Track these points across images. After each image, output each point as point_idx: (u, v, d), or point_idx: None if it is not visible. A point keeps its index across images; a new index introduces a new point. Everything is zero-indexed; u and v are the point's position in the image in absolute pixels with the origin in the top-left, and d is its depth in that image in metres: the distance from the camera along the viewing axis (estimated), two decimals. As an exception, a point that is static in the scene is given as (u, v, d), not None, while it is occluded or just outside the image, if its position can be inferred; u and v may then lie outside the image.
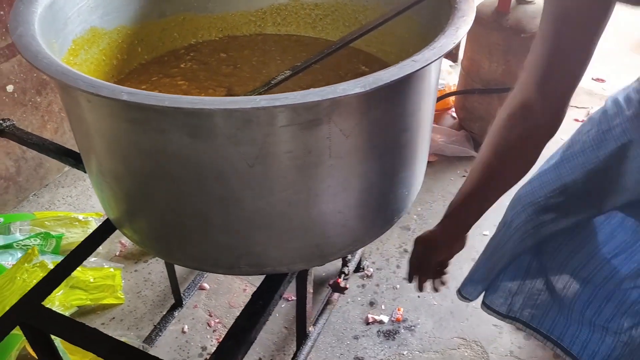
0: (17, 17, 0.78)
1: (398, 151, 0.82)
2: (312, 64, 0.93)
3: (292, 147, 0.69)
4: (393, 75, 0.66)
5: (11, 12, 0.79)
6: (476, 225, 1.73)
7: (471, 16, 0.79)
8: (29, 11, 0.80)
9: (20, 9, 0.80)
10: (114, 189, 0.85)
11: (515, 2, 1.86)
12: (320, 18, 1.21)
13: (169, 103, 0.61)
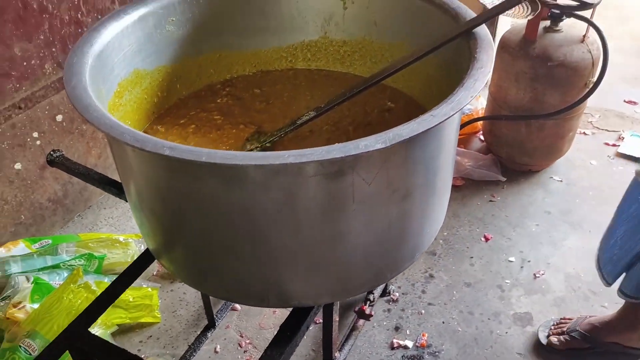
0: (71, 68, 0.86)
1: (419, 193, 0.86)
2: (335, 105, 0.98)
3: (317, 194, 0.75)
4: (412, 131, 0.71)
5: (65, 63, 0.87)
6: (502, 251, 1.77)
7: (489, 67, 0.83)
8: (81, 63, 0.88)
9: (73, 60, 0.88)
10: (152, 223, 0.92)
11: (542, 30, 1.87)
12: (348, 54, 1.27)
13: (206, 159, 0.67)
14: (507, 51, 1.90)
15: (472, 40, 0.92)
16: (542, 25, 1.89)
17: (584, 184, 2.08)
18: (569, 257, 1.78)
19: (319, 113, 1.00)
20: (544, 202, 2.00)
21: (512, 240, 1.84)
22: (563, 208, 1.97)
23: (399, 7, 1.12)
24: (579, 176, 2.12)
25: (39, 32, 1.35)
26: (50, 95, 1.44)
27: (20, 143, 1.42)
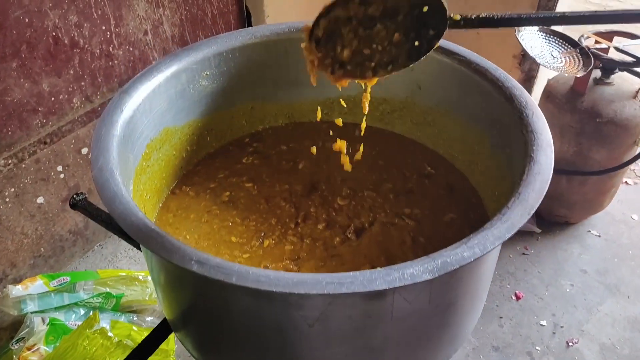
0: (98, 144, 0.80)
1: (460, 304, 0.80)
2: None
3: (353, 312, 0.69)
4: (463, 260, 0.64)
5: (94, 135, 0.82)
6: (533, 313, 1.68)
7: (548, 174, 0.76)
8: (109, 135, 0.83)
9: (101, 132, 0.83)
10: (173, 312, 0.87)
11: (592, 82, 1.78)
12: (387, 112, 1.20)
13: (236, 280, 0.62)
14: (552, 102, 1.80)
15: (528, 132, 0.84)
16: (592, 76, 1.79)
17: (623, 241, 1.98)
18: (604, 324, 1.69)
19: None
20: (580, 259, 1.90)
21: (545, 300, 1.75)
22: (600, 267, 1.88)
23: (446, 75, 1.05)
24: (619, 232, 2.02)
25: (68, 67, 1.31)
26: (76, 129, 1.40)
27: (43, 177, 1.39)
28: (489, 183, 0.98)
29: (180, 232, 0.98)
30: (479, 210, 1.00)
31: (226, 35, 1.06)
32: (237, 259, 0.93)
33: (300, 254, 0.94)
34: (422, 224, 0.99)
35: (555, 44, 1.84)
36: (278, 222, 0.99)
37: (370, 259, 0.93)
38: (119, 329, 1.33)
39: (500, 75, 0.93)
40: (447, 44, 1.02)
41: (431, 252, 0.92)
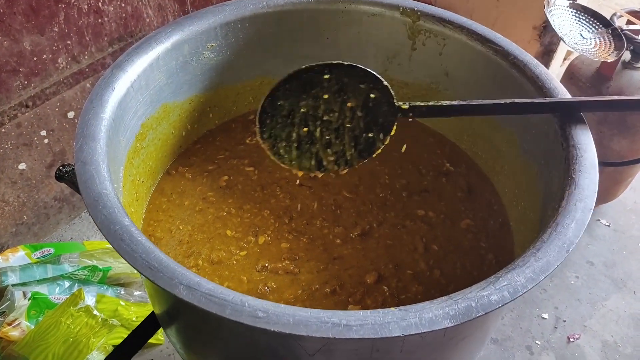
0: (84, 130, 0.71)
1: (474, 336, 0.73)
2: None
3: (359, 346, 0.62)
4: (490, 306, 0.56)
5: (79, 120, 0.72)
6: (535, 305, 1.63)
7: (591, 202, 0.67)
8: (98, 119, 0.73)
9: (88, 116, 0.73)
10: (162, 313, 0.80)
11: (620, 66, 1.65)
12: (408, 97, 1.10)
13: (230, 314, 0.54)
14: (575, 84, 1.69)
15: (570, 146, 0.75)
16: (621, 59, 1.66)
17: (633, 233, 1.91)
18: (608, 321, 1.64)
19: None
20: (587, 250, 1.84)
21: (548, 292, 1.70)
22: (608, 260, 1.81)
23: (478, 65, 0.94)
24: (629, 222, 1.94)
25: (52, 23, 1.19)
26: (62, 91, 1.29)
27: (25, 142, 1.29)
28: (515, 191, 0.89)
29: (174, 222, 0.90)
30: (500, 218, 0.92)
31: (235, 2, 0.95)
32: (235, 256, 0.85)
33: (298, 254, 0.86)
34: (436, 228, 0.91)
35: (586, 22, 1.71)
36: (271, 214, 0.91)
37: (377, 265, 0.85)
38: (105, 304, 1.28)
39: (541, 72, 0.83)
40: (483, 29, 0.91)
41: (445, 264, 0.85)
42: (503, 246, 0.88)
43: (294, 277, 0.83)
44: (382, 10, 0.98)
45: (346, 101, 0.73)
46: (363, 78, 0.73)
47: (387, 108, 0.73)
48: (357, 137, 0.73)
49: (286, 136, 0.73)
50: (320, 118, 0.73)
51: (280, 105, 0.73)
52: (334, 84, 0.72)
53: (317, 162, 0.74)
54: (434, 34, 0.96)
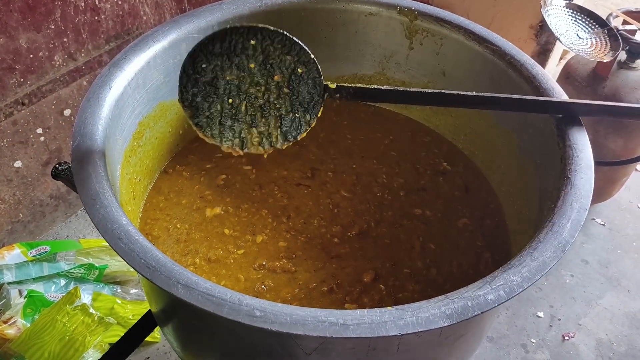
0: (81, 129, 0.71)
1: (471, 334, 0.73)
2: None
3: (355, 345, 0.62)
4: (486, 305, 0.57)
5: (76, 119, 0.72)
6: (530, 303, 1.64)
7: (587, 203, 0.67)
8: (95, 118, 0.73)
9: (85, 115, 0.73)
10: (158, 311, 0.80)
11: (615, 66, 1.66)
12: (405, 96, 1.10)
13: (228, 313, 0.54)
14: (571, 84, 1.69)
15: (566, 146, 0.75)
16: (617, 59, 1.67)
17: (628, 232, 1.92)
18: (602, 319, 1.65)
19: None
20: (582, 248, 1.84)
21: (543, 291, 1.70)
22: (602, 258, 1.82)
23: (476, 64, 0.94)
24: (624, 221, 1.95)
25: (49, 20, 1.18)
26: (58, 89, 1.28)
27: (21, 140, 1.29)
28: (511, 190, 0.90)
29: (171, 220, 0.90)
30: (496, 217, 0.92)
31: (233, 1, 0.95)
32: (232, 255, 0.85)
33: (296, 252, 0.86)
34: (433, 227, 0.91)
35: (582, 22, 1.71)
36: (269, 213, 0.91)
37: (374, 264, 0.86)
38: (101, 302, 1.27)
39: (537, 72, 0.83)
40: (480, 29, 0.91)
41: (442, 263, 0.86)
42: (499, 245, 0.89)
43: (291, 275, 0.83)
44: (380, 9, 0.98)
45: (272, 74, 0.70)
46: (289, 49, 0.69)
47: (313, 86, 0.70)
48: (283, 116, 0.70)
49: (209, 107, 0.70)
50: (246, 92, 0.70)
51: (204, 69, 0.68)
52: (259, 52, 0.68)
53: (240, 141, 0.72)
54: (431, 33, 0.96)
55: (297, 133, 0.71)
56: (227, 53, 0.68)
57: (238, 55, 0.68)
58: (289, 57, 0.69)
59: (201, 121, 0.71)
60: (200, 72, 0.69)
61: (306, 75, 0.70)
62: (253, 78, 0.70)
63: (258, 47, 0.68)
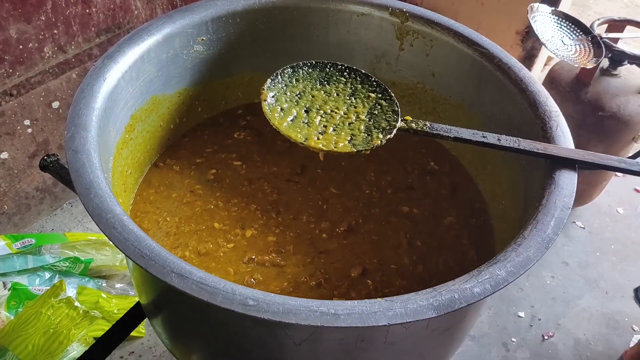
0: (76, 120, 0.71)
1: (458, 328, 0.75)
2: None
3: (345, 336, 0.63)
4: (472, 297, 0.58)
5: (71, 110, 0.72)
6: (512, 303, 1.67)
7: (570, 201, 0.69)
8: (89, 109, 0.74)
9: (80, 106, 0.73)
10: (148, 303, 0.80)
11: (598, 72, 1.70)
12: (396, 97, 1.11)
13: (221, 302, 0.55)
14: (555, 89, 1.73)
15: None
16: (600, 66, 1.71)
17: (607, 235, 1.96)
18: (581, 319, 1.69)
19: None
20: (563, 250, 1.88)
21: (524, 291, 1.74)
22: (582, 260, 1.86)
23: (464, 66, 0.96)
24: (603, 225, 2.00)
25: (39, 12, 1.18)
26: (47, 80, 1.28)
27: (8, 132, 1.28)
28: (497, 190, 0.92)
29: (161, 213, 0.91)
30: (481, 216, 0.94)
31: (227, -3, 0.95)
32: (222, 248, 0.86)
33: (285, 247, 0.88)
34: (420, 225, 0.93)
35: (567, 29, 1.75)
36: (258, 208, 0.92)
37: (362, 259, 0.87)
38: (86, 296, 1.27)
39: (524, 75, 0.86)
40: (470, 32, 0.93)
41: (428, 259, 0.88)
42: (484, 243, 0.91)
43: (280, 269, 0.84)
44: (372, 10, 1.00)
45: (354, 105, 0.79)
46: (375, 88, 0.81)
47: (391, 115, 0.79)
48: (355, 135, 0.76)
49: (287, 108, 0.77)
50: (325, 111, 0.77)
51: (297, 81, 0.79)
52: (348, 88, 0.79)
53: (304, 138, 0.76)
54: (422, 35, 0.98)
55: (367, 146, 0.76)
56: (321, 79, 0.80)
57: (330, 84, 0.79)
58: (372, 95, 0.80)
59: (274, 113, 0.76)
60: (293, 83, 0.79)
61: (386, 108, 0.79)
62: (335, 104, 0.79)
63: (348, 83, 0.80)
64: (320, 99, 0.78)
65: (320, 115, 0.77)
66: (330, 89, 0.79)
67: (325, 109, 0.77)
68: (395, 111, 0.80)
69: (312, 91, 0.79)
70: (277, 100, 0.77)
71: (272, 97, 0.77)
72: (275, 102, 0.77)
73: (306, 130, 0.76)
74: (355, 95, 0.80)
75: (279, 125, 0.75)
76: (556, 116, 0.79)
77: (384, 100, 0.81)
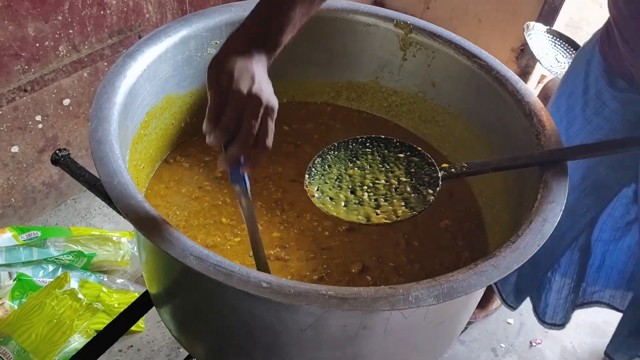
0: (99, 113, 0.75)
1: (453, 320, 0.79)
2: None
3: (348, 322, 0.67)
4: (469, 288, 0.63)
5: (94, 103, 0.76)
6: (502, 310, 1.71)
7: (561, 205, 0.74)
8: (111, 103, 0.78)
9: (102, 100, 0.78)
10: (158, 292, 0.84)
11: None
12: (396, 104, 1.17)
13: (236, 283, 0.59)
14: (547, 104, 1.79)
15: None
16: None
17: (595, 249, 2.02)
18: (568, 328, 1.70)
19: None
20: (552, 262, 1.94)
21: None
22: (570, 272, 1.91)
23: (463, 77, 1.02)
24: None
25: (57, 12, 1.22)
26: (60, 78, 1.32)
27: (20, 126, 1.31)
28: (492, 196, 0.97)
29: (171, 207, 0.95)
30: (475, 220, 0.99)
31: (242, 3, 1.00)
32: (229, 242, 0.90)
33: (289, 243, 0.92)
34: (418, 226, 0.97)
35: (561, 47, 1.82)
36: (264, 205, 0.96)
37: (362, 257, 0.91)
38: (88, 289, 1.30)
39: (521, 87, 0.91)
40: (470, 45, 0.99)
41: (424, 259, 0.92)
42: (478, 245, 0.95)
43: (284, 263, 0.88)
44: (377, 21, 1.05)
45: (390, 170, 0.81)
46: (400, 147, 0.83)
47: (428, 168, 0.81)
48: (407, 198, 0.79)
49: (334, 195, 0.79)
50: (368, 185, 0.80)
51: (330, 167, 0.81)
52: (376, 156, 0.82)
53: (365, 218, 0.78)
54: (424, 46, 1.03)
55: (424, 204, 0.78)
56: (350, 158, 0.82)
57: (359, 159, 0.82)
58: (401, 155, 0.82)
59: (327, 205, 0.78)
60: (327, 170, 0.81)
61: (420, 163, 0.82)
62: (374, 175, 0.81)
63: (375, 152, 0.83)
64: (358, 175, 0.81)
65: (366, 191, 0.79)
66: (362, 163, 0.82)
67: (367, 184, 0.80)
68: (430, 163, 0.82)
69: (347, 171, 0.81)
70: (322, 192, 0.79)
71: (317, 190, 0.79)
72: (322, 195, 0.79)
73: (363, 210, 0.78)
74: (386, 161, 0.82)
75: (339, 215, 0.77)
76: (549, 126, 0.84)
77: (415, 157, 0.82)
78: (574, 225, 1.20)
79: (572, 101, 1.10)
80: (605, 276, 1.29)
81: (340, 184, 0.80)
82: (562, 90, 1.16)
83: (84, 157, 1.55)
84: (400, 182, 0.81)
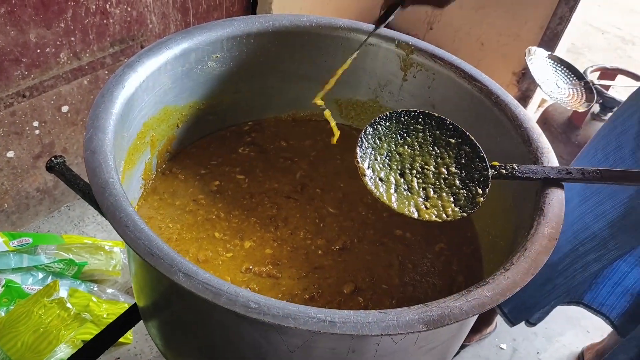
0: (95, 122, 0.75)
1: (445, 345, 0.78)
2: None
3: (337, 345, 0.66)
4: (461, 315, 0.62)
5: (91, 112, 0.76)
6: (495, 334, 1.70)
7: (557, 234, 0.73)
8: (108, 113, 0.77)
9: (99, 109, 0.77)
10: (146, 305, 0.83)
11: (589, 117, 1.77)
12: (395, 124, 1.16)
13: (225, 302, 0.58)
14: (548, 129, 1.80)
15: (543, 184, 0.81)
16: (591, 110, 1.78)
17: (590, 276, 2.01)
18: (561, 355, 1.72)
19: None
20: (547, 288, 1.92)
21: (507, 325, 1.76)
22: (565, 299, 1.90)
23: (463, 100, 1.01)
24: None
25: (60, 19, 1.22)
26: (59, 85, 1.32)
27: (17, 131, 1.31)
28: (488, 221, 0.96)
29: (164, 219, 0.94)
30: (472, 245, 0.98)
31: (243, 18, 1.00)
32: (221, 257, 0.89)
33: (281, 260, 0.91)
34: (412, 248, 0.97)
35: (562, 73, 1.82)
36: (258, 221, 0.95)
37: (354, 277, 0.90)
38: (77, 298, 1.29)
39: (520, 113, 0.91)
40: (470, 69, 0.99)
41: (418, 282, 0.91)
42: (472, 270, 0.94)
43: (275, 281, 0.87)
44: (379, 41, 1.05)
45: (440, 156, 0.79)
46: (453, 132, 0.81)
47: (479, 162, 0.79)
48: (456, 194, 0.77)
49: (385, 177, 0.78)
50: (417, 169, 0.78)
51: (380, 140, 0.79)
52: (427, 136, 0.79)
53: (416, 210, 0.77)
54: (425, 68, 1.03)
55: (474, 205, 0.77)
56: (401, 133, 0.80)
57: (409, 135, 0.79)
58: (453, 141, 0.80)
59: (378, 187, 0.77)
60: (378, 144, 0.79)
61: (471, 155, 0.79)
62: (424, 158, 0.79)
63: (426, 130, 0.80)
64: (407, 155, 0.79)
65: (415, 177, 0.77)
66: (411, 141, 0.79)
67: (416, 167, 0.78)
68: (481, 157, 0.79)
69: (397, 148, 0.79)
70: (373, 171, 0.77)
71: (368, 168, 0.77)
72: (373, 173, 0.77)
73: (412, 200, 0.77)
74: (437, 144, 0.80)
75: (390, 203, 0.76)
76: (547, 152, 0.84)
77: (466, 146, 0.80)
78: (600, 258, 1.18)
79: (622, 140, 1.09)
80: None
81: (390, 162, 0.78)
82: (612, 128, 1.14)
83: (80, 165, 1.54)
84: (449, 172, 0.79)
